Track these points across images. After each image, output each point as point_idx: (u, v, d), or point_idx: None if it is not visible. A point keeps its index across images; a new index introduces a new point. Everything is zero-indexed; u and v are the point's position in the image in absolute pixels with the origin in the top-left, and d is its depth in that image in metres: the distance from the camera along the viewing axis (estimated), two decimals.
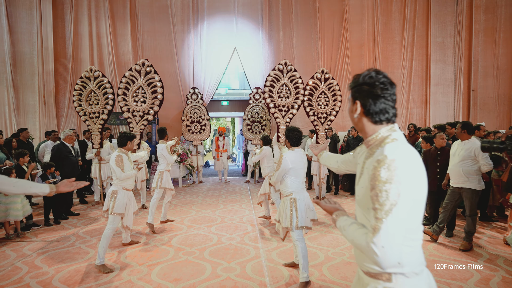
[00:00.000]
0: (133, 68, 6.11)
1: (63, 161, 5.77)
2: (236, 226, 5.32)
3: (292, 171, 3.34)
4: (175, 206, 6.71)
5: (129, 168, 4.02)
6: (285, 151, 3.51)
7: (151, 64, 6.09)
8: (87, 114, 6.21)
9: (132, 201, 4.14)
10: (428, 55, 11.19)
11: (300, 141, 3.46)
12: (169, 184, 5.29)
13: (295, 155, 3.37)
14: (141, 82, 6.05)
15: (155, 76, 6.12)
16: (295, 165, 3.33)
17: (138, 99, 6.08)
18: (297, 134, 3.43)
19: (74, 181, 2.19)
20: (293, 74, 6.85)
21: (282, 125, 6.87)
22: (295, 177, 3.36)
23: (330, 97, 7.12)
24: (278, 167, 3.35)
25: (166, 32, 10.76)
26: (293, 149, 3.44)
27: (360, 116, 1.38)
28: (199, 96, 9.93)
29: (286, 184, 3.39)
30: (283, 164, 3.30)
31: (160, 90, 6.13)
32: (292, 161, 3.31)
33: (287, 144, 3.49)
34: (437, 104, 11.18)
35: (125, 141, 4.04)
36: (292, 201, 3.32)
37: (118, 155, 3.94)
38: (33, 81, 10.00)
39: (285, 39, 11.04)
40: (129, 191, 4.08)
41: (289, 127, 3.49)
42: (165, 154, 5.19)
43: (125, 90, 6.10)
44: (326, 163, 2.02)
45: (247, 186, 9.23)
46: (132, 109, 6.09)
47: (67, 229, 5.21)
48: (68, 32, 10.36)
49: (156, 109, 6.15)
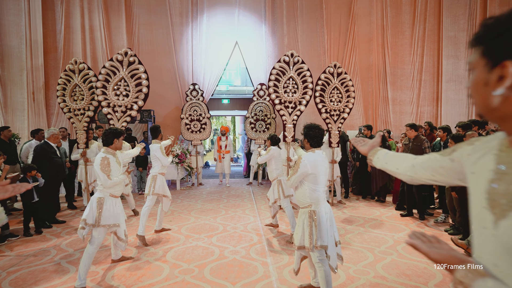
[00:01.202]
0: (114, 58, 5.45)
1: (48, 162, 5.16)
2: (240, 236, 4.72)
3: (311, 178, 2.75)
4: (172, 212, 6.10)
5: (118, 172, 3.42)
6: (302, 153, 2.91)
7: (135, 53, 5.41)
8: (71, 110, 5.59)
9: (121, 210, 3.54)
10: (439, 50, 10.61)
11: (322, 141, 2.86)
12: (164, 190, 4.69)
13: (316, 158, 2.79)
14: (123, 74, 5.37)
15: (139, 67, 5.46)
16: (315, 171, 2.74)
17: (120, 93, 5.41)
18: (318, 133, 2.84)
19: (10, 184, 1.34)
20: (300, 67, 6.24)
21: (289, 124, 6.27)
22: (316, 184, 2.76)
23: (343, 93, 6.53)
24: (295, 171, 2.76)
25: (164, 25, 10.15)
26: (313, 150, 2.86)
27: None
28: (199, 93, 9.33)
29: (303, 193, 2.79)
30: (302, 169, 2.72)
31: (145, 83, 5.46)
32: (313, 165, 2.73)
33: (306, 145, 2.90)
34: (449, 101, 10.59)
35: (111, 138, 3.40)
36: (311, 215, 2.72)
37: (104, 157, 3.31)
38: (21, 77, 9.39)
39: (290, 33, 10.45)
40: (117, 198, 3.49)
41: (309, 125, 2.91)
42: (158, 155, 4.57)
43: (104, 83, 5.41)
44: (387, 166, 1.31)
45: (249, 188, 8.63)
46: (113, 104, 5.41)
47: (48, 240, 4.59)
48: (59, 25, 9.75)
49: (140, 103, 5.48)
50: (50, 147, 5.18)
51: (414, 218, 5.54)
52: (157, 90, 10.07)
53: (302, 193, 2.81)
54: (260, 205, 6.68)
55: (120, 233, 3.49)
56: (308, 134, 2.86)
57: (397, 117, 10.64)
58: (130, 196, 5.72)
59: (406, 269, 3.53)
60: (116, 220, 3.42)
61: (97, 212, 3.27)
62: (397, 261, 3.73)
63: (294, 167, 2.80)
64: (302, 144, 2.98)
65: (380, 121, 10.58)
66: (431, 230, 4.88)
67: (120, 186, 3.47)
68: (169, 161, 4.72)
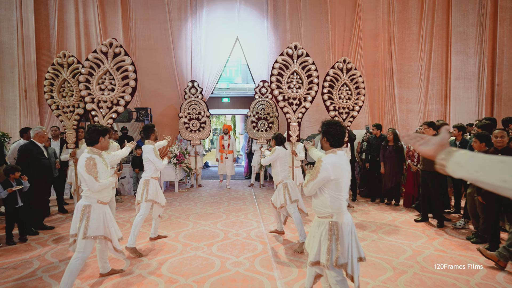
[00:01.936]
0: (98, 49, 5.01)
1: (34, 163, 4.76)
2: (243, 244, 4.32)
3: (333, 184, 2.34)
4: (169, 217, 5.70)
5: (105, 174, 3.02)
6: (319, 154, 2.52)
7: (120, 44, 4.98)
8: (60, 108, 5.18)
9: (111, 217, 3.14)
10: (448, 46, 10.20)
11: (343, 139, 2.46)
12: (158, 196, 4.23)
13: (338, 160, 2.37)
14: (108, 66, 4.93)
15: (126, 58, 5.02)
16: (338, 175, 2.33)
17: (105, 87, 4.97)
18: (340, 130, 2.43)
19: None
20: (305, 60, 5.83)
21: (294, 122, 5.86)
22: (338, 192, 2.36)
23: (353, 90, 6.13)
24: (314, 175, 2.35)
25: (162, 20, 9.75)
26: (334, 151, 2.44)
27: None
28: (198, 90, 8.92)
29: (324, 201, 2.39)
30: (323, 173, 2.31)
31: (132, 76, 5.01)
32: (335, 169, 2.32)
33: (325, 145, 2.50)
34: (458, 99, 10.20)
35: (96, 136, 3.00)
36: (332, 227, 2.32)
37: (89, 157, 2.92)
38: (13, 74, 9.01)
39: (292, 29, 10.05)
40: (105, 205, 3.09)
41: (329, 121, 2.50)
42: (151, 158, 4.12)
43: (88, 77, 4.96)
44: (479, 176, 0.88)
45: (251, 190, 8.23)
46: (98, 99, 4.98)
47: (32, 250, 4.19)
48: (52, 20, 9.35)
49: (127, 98, 5.03)
50: (36, 147, 4.77)
51: (430, 224, 5.14)
52: (154, 87, 9.69)
53: (322, 202, 2.40)
54: (263, 208, 6.28)
55: (115, 241, 3.10)
56: (327, 131, 2.44)
57: (404, 115, 10.25)
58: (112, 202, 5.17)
59: (432, 285, 3.12)
60: (107, 231, 3.03)
61: (84, 222, 2.87)
62: (420, 275, 3.33)
63: (312, 171, 2.40)
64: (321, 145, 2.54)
65: (387, 119, 10.19)
66: (451, 238, 4.47)
67: (108, 190, 3.08)
68: (164, 164, 4.25)
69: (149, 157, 4.14)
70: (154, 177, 4.24)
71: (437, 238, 4.44)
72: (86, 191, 2.95)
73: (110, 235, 3.05)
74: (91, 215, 2.91)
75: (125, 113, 8.14)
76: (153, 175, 4.23)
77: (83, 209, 2.92)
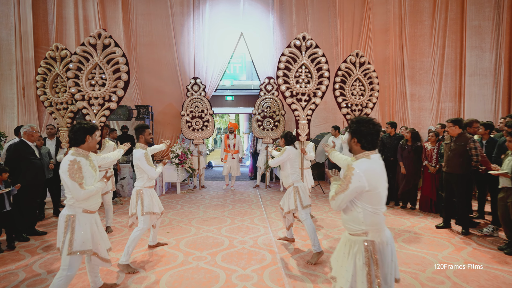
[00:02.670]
0: (86, 41, 4.59)
1: (24, 164, 4.41)
2: (250, 253, 3.94)
3: (368, 196, 1.91)
4: (170, 221, 5.34)
5: (93, 178, 2.64)
6: (350, 160, 2.11)
7: (110, 35, 4.58)
8: (53, 104, 4.82)
9: (100, 228, 2.77)
10: (462, 41, 9.73)
11: (378, 141, 2.04)
12: (154, 206, 3.72)
13: (374, 166, 1.94)
14: (97, 60, 4.53)
15: (116, 50, 4.60)
16: (374, 185, 1.90)
17: (96, 82, 4.57)
18: (374, 129, 1.99)
19: None
20: (314, 52, 5.42)
21: (302, 120, 5.47)
22: (375, 205, 1.93)
23: (366, 86, 5.73)
24: (343, 186, 1.93)
25: (163, 15, 9.39)
26: (368, 155, 1.99)
27: None
28: (201, 88, 8.55)
29: (356, 217, 1.96)
30: (355, 183, 1.88)
31: (124, 68, 4.59)
32: (370, 177, 1.89)
33: (355, 147, 2.06)
34: (473, 97, 9.72)
35: (82, 135, 2.61)
36: (368, 248, 1.90)
37: (73, 160, 2.52)
38: (10, 71, 8.73)
39: (299, 23, 9.65)
40: (93, 214, 2.72)
41: (359, 118, 2.04)
42: (142, 165, 3.58)
43: (77, 72, 4.55)
44: None
45: (256, 192, 7.85)
46: (88, 96, 4.57)
47: (20, 259, 3.84)
48: (51, 15, 9.05)
49: (120, 93, 4.61)
50: (26, 147, 4.42)
51: (453, 230, 4.72)
52: (156, 84, 9.35)
53: (353, 218, 1.97)
54: (270, 212, 5.90)
55: (103, 253, 2.72)
56: (358, 131, 1.99)
57: (415, 114, 9.81)
58: (109, 206, 4.76)
59: None
60: (95, 244, 2.65)
61: (68, 236, 2.49)
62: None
63: (341, 181, 1.98)
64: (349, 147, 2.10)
65: (397, 118, 9.75)
66: (480, 248, 4.05)
67: (96, 198, 2.70)
68: (158, 172, 3.70)
69: (140, 165, 3.61)
70: (148, 186, 3.73)
71: (465, 247, 4.02)
72: (69, 199, 2.55)
73: (98, 249, 2.66)
74: (76, 227, 2.52)
75: (125, 111, 7.79)
76: (147, 184, 3.72)
77: (66, 220, 2.53)
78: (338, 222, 5.23)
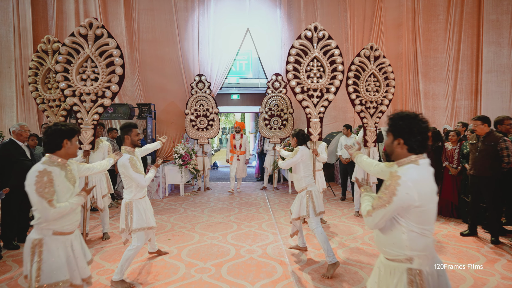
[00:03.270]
0: (76, 32, 4.18)
1: (13, 165, 4.09)
2: (259, 264, 3.58)
3: (416, 213, 1.52)
4: (172, 226, 5.00)
5: (69, 192, 2.15)
6: (392, 166, 1.69)
7: (102, 24, 4.19)
8: (45, 101, 4.49)
9: (76, 253, 2.21)
10: (479, 36, 9.27)
11: (428, 141, 1.64)
12: (149, 220, 3.21)
13: (425, 175, 1.56)
14: (89, 52, 4.13)
15: (110, 41, 4.17)
16: (425, 200, 1.51)
17: (87, 76, 4.16)
18: (423, 127, 1.59)
19: None
20: (327, 43, 5.03)
21: (314, 118, 5.08)
22: (422, 224, 1.54)
23: (382, 81, 5.33)
24: (385, 199, 1.52)
25: (167, 10, 9.06)
26: (416, 161, 1.59)
27: None
28: (206, 85, 8.21)
29: (397, 238, 1.57)
30: (401, 196, 1.48)
31: (118, 61, 4.17)
32: (421, 190, 1.50)
33: (398, 150, 1.64)
34: (490, 94, 9.25)
35: (57, 140, 2.15)
36: (414, 279, 1.50)
37: (43, 171, 2.04)
38: (9, 69, 8.49)
39: (308, 18, 9.26)
40: (68, 235, 2.17)
41: (404, 114, 1.63)
42: (128, 172, 3.03)
43: (66, 65, 4.13)
44: None
45: (264, 194, 7.49)
46: (79, 91, 4.15)
47: (6, 270, 3.50)
48: (51, 11, 8.77)
49: (114, 88, 4.18)
50: (16, 147, 4.10)
51: (480, 238, 4.31)
52: (159, 82, 9.03)
53: (395, 240, 1.57)
54: (279, 216, 5.53)
55: (77, 280, 2.17)
56: (407, 130, 1.58)
57: (429, 112, 9.36)
58: (105, 211, 4.42)
59: None
60: (72, 273, 2.13)
61: (35, 266, 1.99)
62: None
63: (381, 195, 1.57)
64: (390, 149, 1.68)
65: None
66: None
67: (72, 216, 2.17)
68: (148, 179, 3.13)
69: (125, 172, 3.06)
70: (139, 197, 3.18)
71: (498, 259, 3.61)
72: (37, 218, 2.06)
73: (73, 276, 2.15)
74: (44, 254, 2.02)
75: (126, 110, 7.48)
76: (138, 195, 3.16)
77: (32, 247, 2.03)
78: (353, 228, 4.84)
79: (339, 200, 6.89)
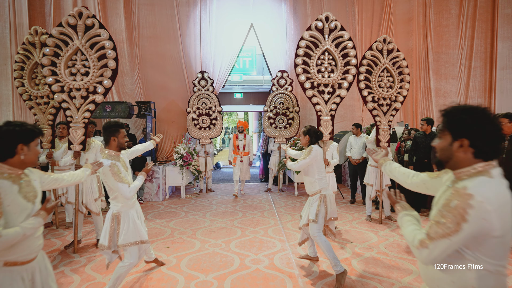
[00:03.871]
0: (64, 22, 3.83)
1: None
2: (266, 277, 3.23)
3: (489, 245, 1.16)
4: (172, 232, 4.67)
5: (23, 213, 1.68)
6: (462, 183, 1.23)
7: (93, 14, 3.89)
8: (32, 98, 4.17)
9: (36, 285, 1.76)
10: (493, 32, 8.88)
11: (502, 145, 1.28)
12: (141, 232, 2.77)
13: (503, 192, 1.19)
14: (78, 44, 3.78)
15: (101, 32, 3.81)
16: (507, 227, 1.15)
17: (77, 71, 3.82)
18: (495, 126, 1.22)
19: None
20: (339, 35, 4.68)
21: (325, 115, 4.73)
22: (496, 259, 1.17)
23: (395, 77, 4.98)
24: (451, 227, 1.14)
25: (168, 5, 8.75)
26: (489, 172, 1.22)
27: None
28: (208, 82, 7.88)
29: (463, 278, 1.20)
30: (476, 223, 1.11)
31: (111, 54, 3.82)
32: (503, 214, 1.14)
33: (462, 155, 1.26)
34: (505, 92, 8.86)
35: (9, 145, 1.67)
36: None
37: None
38: (5, 66, 8.20)
39: (314, 13, 8.91)
40: (25, 265, 1.71)
41: (466, 107, 1.25)
42: (110, 182, 2.61)
43: (54, 58, 3.77)
44: None
45: (269, 196, 7.14)
46: (69, 87, 3.80)
47: None
48: (48, 6, 8.48)
49: (107, 83, 3.84)
50: None
51: None
52: (159, 79, 8.71)
53: (456, 277, 1.20)
54: (286, 221, 5.19)
55: None
56: (475, 128, 1.21)
57: None
58: (99, 216, 4.08)
59: None
60: None
61: None
62: None
63: (440, 216, 1.19)
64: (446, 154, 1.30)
65: (421, 115, 8.95)
66: None
67: (32, 242, 1.71)
68: (134, 188, 2.63)
69: (107, 181, 2.63)
70: (129, 208, 2.74)
71: None
72: None
73: None
74: None
75: (125, 108, 7.16)
76: (125, 207, 2.71)
77: None
78: (367, 235, 4.49)
79: (348, 203, 6.54)
